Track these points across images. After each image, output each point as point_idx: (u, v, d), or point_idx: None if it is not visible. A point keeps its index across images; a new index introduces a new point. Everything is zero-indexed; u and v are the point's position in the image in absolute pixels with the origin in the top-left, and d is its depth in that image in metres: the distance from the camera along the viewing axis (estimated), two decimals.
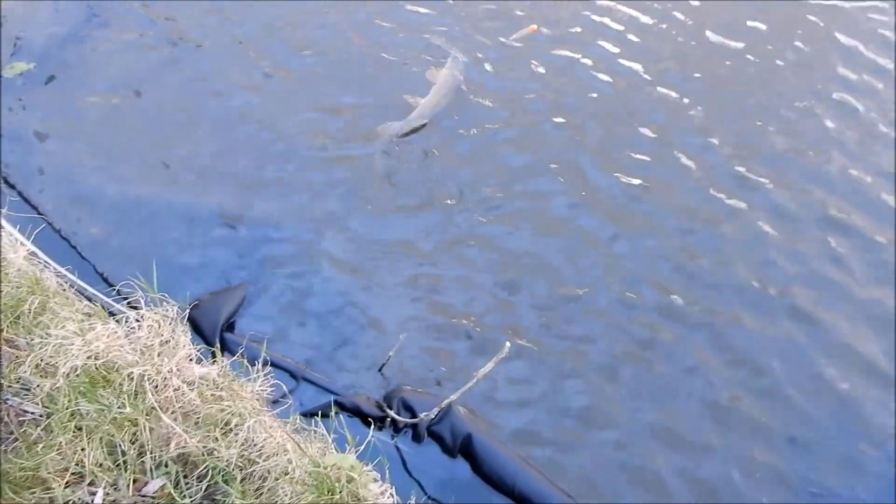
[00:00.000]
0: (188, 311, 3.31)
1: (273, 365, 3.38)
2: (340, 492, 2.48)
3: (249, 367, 2.98)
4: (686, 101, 5.17)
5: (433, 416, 3.23)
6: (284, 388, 3.17)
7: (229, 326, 3.64)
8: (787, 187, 4.61)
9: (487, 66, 5.35)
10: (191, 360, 2.88)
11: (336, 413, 3.34)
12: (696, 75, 5.40)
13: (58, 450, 2.45)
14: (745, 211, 4.44)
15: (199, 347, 3.21)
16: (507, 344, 3.01)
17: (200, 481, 2.53)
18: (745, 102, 5.23)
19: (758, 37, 5.81)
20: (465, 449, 3.27)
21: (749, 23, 5.96)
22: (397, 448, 3.29)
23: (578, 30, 5.72)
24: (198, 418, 2.67)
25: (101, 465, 2.45)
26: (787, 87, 5.36)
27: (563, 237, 4.21)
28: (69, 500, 2.35)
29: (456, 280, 3.95)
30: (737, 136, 4.95)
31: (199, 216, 4.17)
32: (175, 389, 2.70)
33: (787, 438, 3.43)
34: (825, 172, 4.73)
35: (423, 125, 4.80)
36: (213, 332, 3.52)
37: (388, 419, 3.31)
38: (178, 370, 2.75)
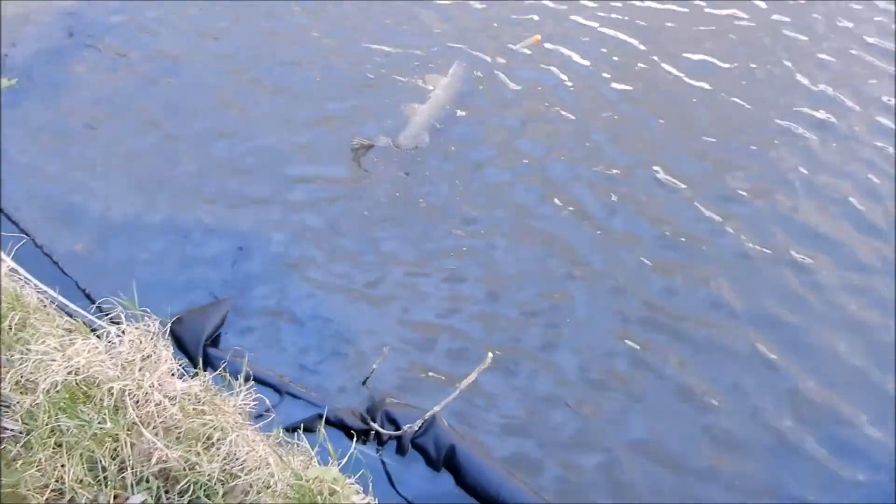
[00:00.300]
0: (170, 325, 3.31)
1: (256, 379, 3.38)
2: None
3: (232, 381, 2.98)
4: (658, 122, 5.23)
5: (417, 429, 3.24)
6: (268, 402, 3.17)
7: (213, 341, 3.63)
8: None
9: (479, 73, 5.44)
10: (172, 374, 2.87)
11: (320, 427, 3.33)
12: (664, 101, 5.44)
13: (38, 466, 2.44)
14: (730, 224, 4.49)
15: (181, 362, 3.22)
16: (490, 355, 3.03)
17: (182, 496, 2.52)
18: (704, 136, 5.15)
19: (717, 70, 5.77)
20: (449, 461, 3.27)
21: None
22: (381, 461, 3.29)
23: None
24: (179, 433, 2.67)
25: (81, 481, 2.44)
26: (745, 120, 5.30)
27: (544, 249, 4.23)
28: None
29: (438, 293, 3.96)
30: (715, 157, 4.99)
31: (181, 231, 4.18)
32: (156, 404, 2.69)
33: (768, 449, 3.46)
34: (786, 213, 4.59)
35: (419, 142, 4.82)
36: (196, 347, 3.51)
37: (373, 432, 3.31)
38: (159, 385, 2.74)
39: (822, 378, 3.71)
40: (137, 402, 2.66)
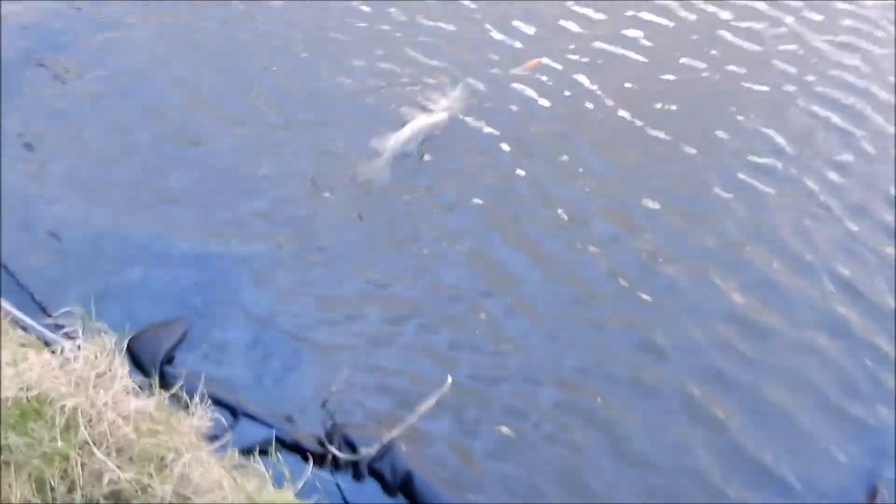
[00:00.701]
0: (126, 342, 3.26)
1: (213, 400, 3.34)
2: None
3: (188, 401, 2.94)
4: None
5: (374, 453, 3.23)
6: (224, 422, 3.13)
7: (170, 360, 3.59)
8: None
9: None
10: (127, 393, 2.82)
11: (276, 449, 3.30)
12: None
13: None
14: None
15: (137, 380, 3.17)
16: (449, 379, 3.05)
17: None
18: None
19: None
20: (405, 486, 3.27)
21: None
22: (337, 485, 3.27)
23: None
24: (132, 453, 2.61)
25: (28, 502, 2.38)
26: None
27: (499, 278, 4.27)
28: None
29: (399, 316, 3.97)
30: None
31: (142, 246, 4.14)
32: (110, 423, 2.64)
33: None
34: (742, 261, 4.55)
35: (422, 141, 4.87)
36: (152, 364, 3.46)
37: (330, 455, 3.29)
38: (113, 403, 2.69)
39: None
40: (90, 420, 2.61)
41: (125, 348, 3.40)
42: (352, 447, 3.31)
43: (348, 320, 3.93)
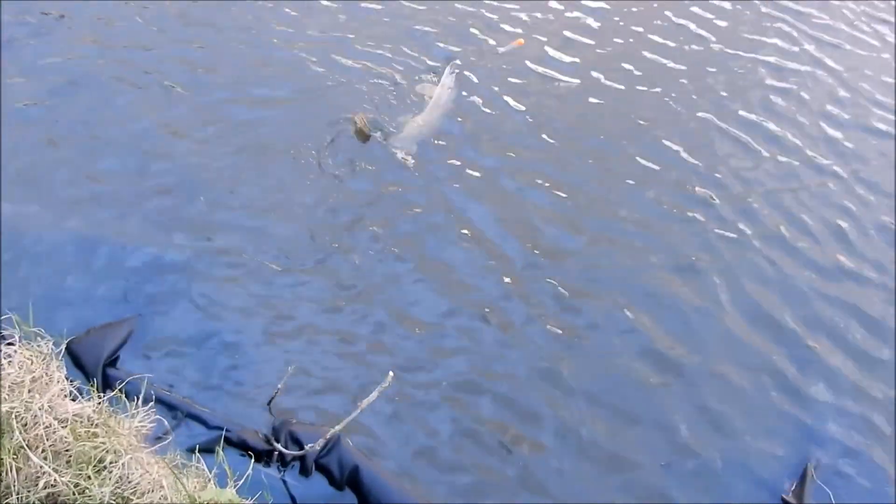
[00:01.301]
0: (65, 346, 3.23)
1: (157, 400, 3.33)
2: None
3: (128, 402, 2.93)
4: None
5: (319, 448, 3.24)
6: (166, 424, 3.12)
7: (113, 362, 3.56)
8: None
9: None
10: (65, 396, 2.81)
11: (222, 448, 3.30)
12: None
13: None
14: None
15: (76, 383, 3.15)
16: (390, 374, 3.08)
17: None
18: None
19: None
20: (352, 481, 3.29)
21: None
22: (284, 482, 3.28)
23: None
24: (70, 457, 2.61)
25: None
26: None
27: (444, 273, 4.30)
28: None
29: (343, 313, 3.99)
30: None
31: (84, 248, 4.07)
32: (46, 427, 2.62)
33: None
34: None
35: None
36: (94, 367, 3.43)
37: (276, 453, 3.30)
38: (49, 407, 2.67)
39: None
40: (25, 424, 2.59)
41: (66, 352, 3.40)
42: (298, 443, 3.32)
43: (293, 319, 3.92)
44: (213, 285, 4.00)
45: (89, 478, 2.55)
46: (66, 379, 2.92)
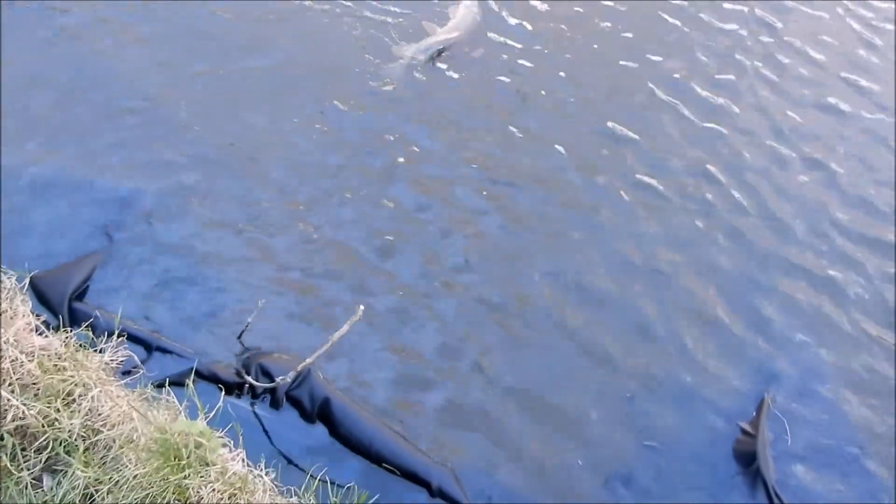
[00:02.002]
0: (33, 280, 3.19)
1: (126, 335, 3.32)
2: (188, 457, 2.50)
3: (95, 337, 2.92)
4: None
5: (290, 381, 3.28)
6: (136, 358, 3.12)
7: (79, 296, 3.52)
8: None
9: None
10: (31, 330, 2.79)
11: (193, 381, 3.31)
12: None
13: None
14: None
15: (42, 318, 3.13)
16: (360, 307, 3.09)
17: (40, 453, 2.48)
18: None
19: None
20: (323, 413, 3.34)
21: None
22: (255, 414, 3.32)
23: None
24: (38, 390, 2.60)
25: None
26: None
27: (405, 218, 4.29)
28: None
29: (314, 246, 3.97)
30: None
31: (50, 183, 3.99)
32: (12, 360, 2.61)
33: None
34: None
35: (442, 51, 5.28)
36: (60, 302, 3.40)
37: (247, 386, 3.33)
38: (15, 341, 2.66)
39: None
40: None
41: (32, 288, 3.36)
42: (269, 376, 3.34)
43: (262, 250, 3.90)
44: (183, 219, 3.95)
45: (58, 410, 2.55)
46: (32, 313, 2.89)
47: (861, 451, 3.59)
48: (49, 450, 2.49)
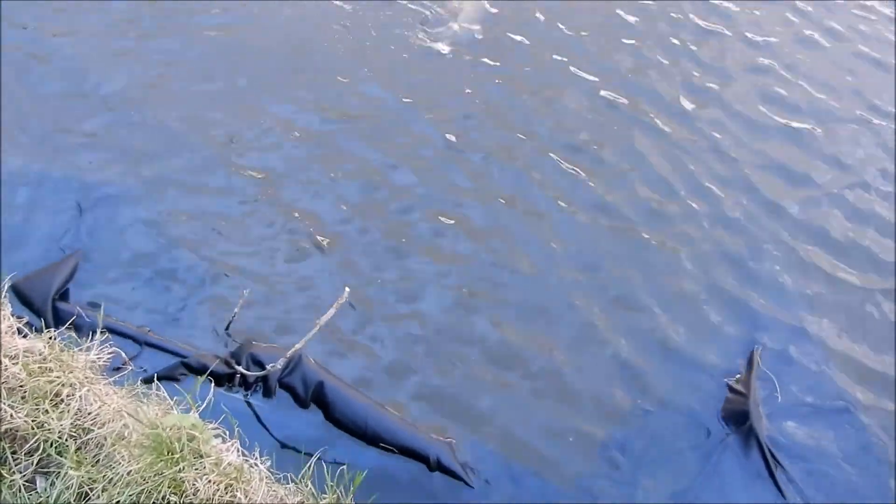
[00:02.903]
0: (13, 283, 3.15)
1: (113, 331, 3.30)
2: (181, 450, 2.49)
3: (81, 336, 2.90)
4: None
5: (281, 368, 3.26)
6: (124, 354, 3.10)
7: (62, 296, 3.49)
8: None
9: None
10: (14, 333, 2.76)
11: (183, 374, 3.30)
12: None
13: None
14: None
15: (24, 319, 3.10)
16: (346, 290, 3.07)
17: (31, 455, 2.46)
18: None
19: None
20: (317, 397, 3.33)
21: None
22: (248, 403, 3.31)
23: None
24: (24, 393, 2.58)
25: None
26: None
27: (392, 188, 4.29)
28: None
29: (295, 230, 3.95)
30: None
31: (25, 181, 3.93)
32: None
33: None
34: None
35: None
36: (43, 303, 3.36)
37: (238, 376, 3.32)
38: None
39: None
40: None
41: (12, 290, 3.32)
42: (260, 365, 3.33)
43: (244, 238, 3.87)
44: (164, 212, 3.92)
45: (47, 412, 2.53)
46: (13, 316, 2.86)
47: (851, 404, 3.63)
48: (40, 451, 2.47)
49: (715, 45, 5.74)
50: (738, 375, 3.64)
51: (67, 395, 2.60)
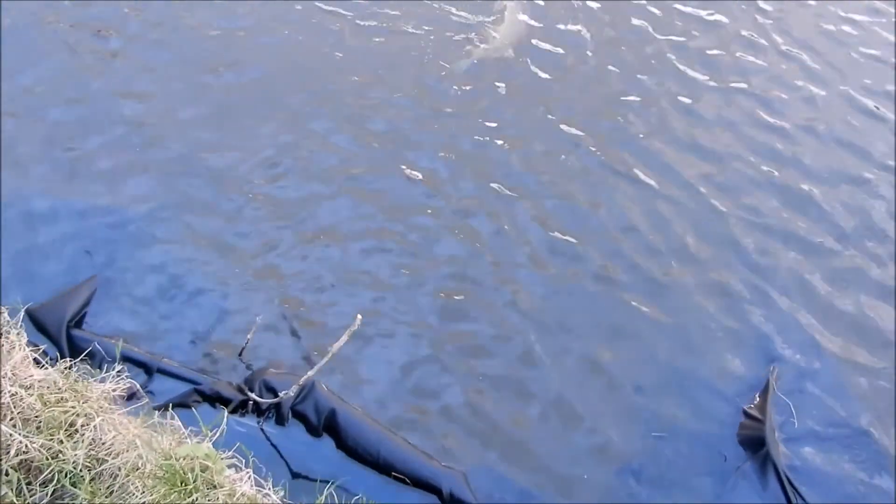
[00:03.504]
0: (23, 312, 3.18)
1: (126, 359, 3.31)
2: (195, 481, 2.49)
3: (95, 364, 2.91)
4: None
5: (294, 395, 3.26)
6: (136, 385, 3.10)
7: (79, 322, 3.51)
8: None
9: None
10: (29, 363, 2.77)
11: (196, 402, 3.31)
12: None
13: None
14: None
15: (41, 348, 3.12)
16: (359, 317, 3.07)
17: (46, 486, 2.46)
18: None
19: None
20: (329, 425, 3.32)
21: None
22: (262, 430, 3.30)
23: None
24: (39, 422, 2.59)
25: None
26: None
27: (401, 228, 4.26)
28: None
29: (308, 262, 3.96)
30: None
31: (39, 210, 3.97)
32: (12, 395, 2.59)
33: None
34: None
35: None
36: (58, 330, 3.38)
37: (251, 403, 3.31)
38: (13, 375, 2.64)
39: None
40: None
41: (27, 317, 3.35)
42: (273, 392, 3.33)
43: (258, 265, 3.89)
44: (177, 237, 3.94)
45: (62, 442, 2.54)
46: (29, 345, 2.88)
47: (867, 428, 3.59)
48: (55, 482, 2.47)
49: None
50: (755, 400, 3.60)
51: (82, 426, 2.61)
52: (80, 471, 2.51)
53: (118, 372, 3.00)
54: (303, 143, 4.57)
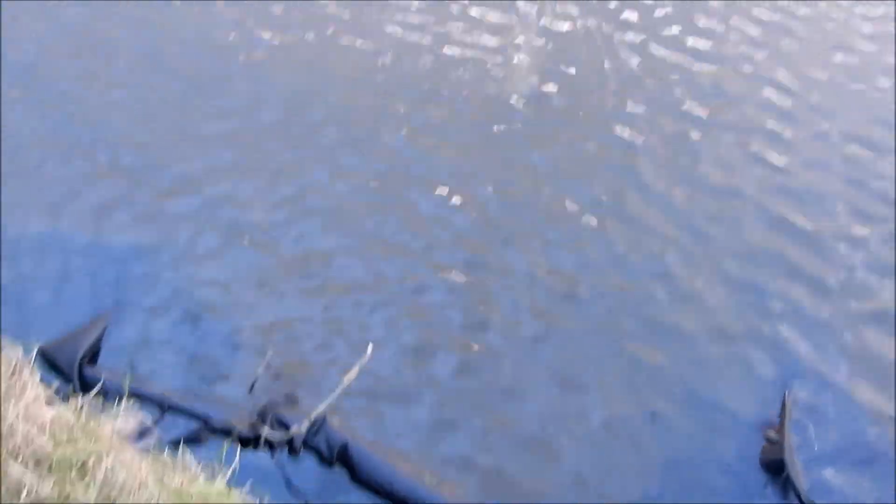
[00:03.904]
0: (37, 351, 3.18)
1: (138, 396, 3.30)
2: None
3: (107, 400, 2.90)
4: None
5: (304, 429, 3.23)
6: (148, 421, 3.10)
7: (92, 358, 3.51)
8: None
9: None
10: (41, 402, 2.76)
11: (209, 438, 3.29)
12: None
13: None
14: None
15: (53, 386, 3.11)
16: (370, 348, 3.05)
17: None
18: None
19: None
20: (341, 457, 3.29)
21: None
22: (276, 465, 3.27)
23: None
24: (51, 463, 2.57)
25: None
26: None
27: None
28: None
29: (315, 292, 3.96)
30: None
31: (54, 248, 4.00)
32: (24, 435, 2.58)
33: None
34: None
35: None
36: (70, 368, 3.39)
37: (263, 437, 3.29)
38: (26, 415, 2.63)
39: None
40: (2, 435, 2.54)
41: (39, 356, 3.34)
42: (284, 426, 3.31)
43: (268, 301, 3.89)
44: (188, 276, 3.94)
45: (73, 483, 2.51)
46: (42, 383, 2.87)
47: (887, 447, 3.51)
48: None
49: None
50: (777, 423, 3.55)
51: (94, 465, 2.59)
52: None
53: (129, 408, 2.98)
54: None
